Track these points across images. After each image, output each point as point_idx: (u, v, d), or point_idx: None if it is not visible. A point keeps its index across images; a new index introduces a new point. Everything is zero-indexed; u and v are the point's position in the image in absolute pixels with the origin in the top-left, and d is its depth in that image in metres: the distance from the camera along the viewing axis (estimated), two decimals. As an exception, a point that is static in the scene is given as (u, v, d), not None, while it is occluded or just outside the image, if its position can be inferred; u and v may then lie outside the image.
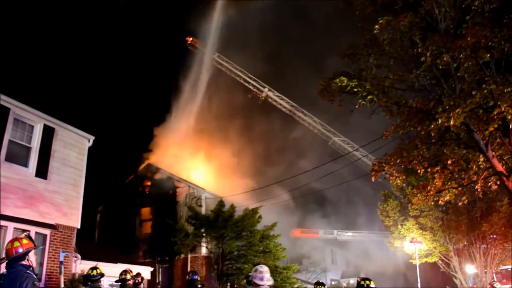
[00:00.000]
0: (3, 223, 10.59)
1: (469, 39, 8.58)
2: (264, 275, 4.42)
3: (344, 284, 36.52)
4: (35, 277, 4.56)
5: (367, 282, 7.08)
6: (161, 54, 49.64)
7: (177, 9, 46.87)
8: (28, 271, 4.52)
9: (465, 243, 19.62)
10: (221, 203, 19.22)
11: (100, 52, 47.91)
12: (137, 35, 50.64)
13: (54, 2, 35.25)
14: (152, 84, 49.14)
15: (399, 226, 21.14)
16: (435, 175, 10.86)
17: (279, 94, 34.05)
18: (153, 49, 49.63)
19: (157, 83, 48.88)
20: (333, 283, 35.27)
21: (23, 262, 4.55)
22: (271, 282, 4.44)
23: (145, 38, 49.59)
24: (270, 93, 34.03)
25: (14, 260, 4.53)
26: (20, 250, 4.54)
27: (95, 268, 8.32)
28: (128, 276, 8.99)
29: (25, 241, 4.63)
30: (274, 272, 18.84)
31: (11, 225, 10.71)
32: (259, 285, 4.39)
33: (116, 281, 9.08)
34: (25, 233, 4.98)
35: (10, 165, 11.27)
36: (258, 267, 4.53)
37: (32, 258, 4.67)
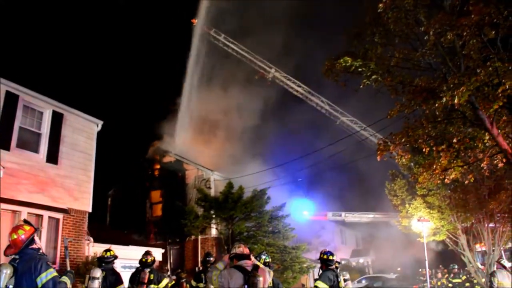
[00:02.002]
0: (17, 208, 10.89)
1: (473, 16, 8.49)
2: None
3: (354, 263, 36.98)
4: (46, 257, 4.84)
5: (327, 255, 7.37)
6: (168, 37, 49.54)
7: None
8: (39, 253, 4.80)
9: (473, 221, 19.61)
10: (230, 185, 19.36)
11: (106, 36, 47.94)
12: (145, 19, 50.47)
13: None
14: (160, 67, 49.18)
15: (407, 205, 21.18)
16: (441, 154, 10.85)
17: (286, 75, 33.88)
18: (161, 32, 49.50)
19: (164, 66, 48.85)
20: (342, 262, 35.66)
21: (33, 246, 4.82)
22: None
23: (153, 22, 49.43)
24: (277, 74, 33.84)
25: (25, 246, 4.79)
26: (23, 237, 4.78)
27: (108, 250, 8.57)
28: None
29: (26, 227, 4.88)
30: (283, 252, 19.11)
31: (24, 210, 11.02)
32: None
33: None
34: (22, 219, 5.23)
35: (21, 151, 11.53)
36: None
37: (37, 240, 4.94)
